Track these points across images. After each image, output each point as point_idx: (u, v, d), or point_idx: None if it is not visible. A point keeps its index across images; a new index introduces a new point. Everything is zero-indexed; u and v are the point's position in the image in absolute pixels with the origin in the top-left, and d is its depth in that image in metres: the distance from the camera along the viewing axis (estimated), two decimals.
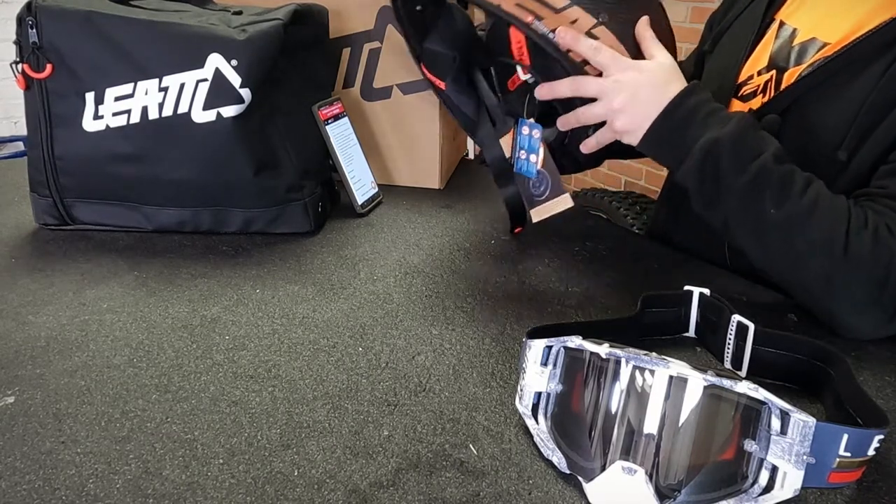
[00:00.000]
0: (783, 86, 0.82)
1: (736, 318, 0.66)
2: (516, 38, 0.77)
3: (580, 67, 0.72)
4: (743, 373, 0.66)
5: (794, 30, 0.84)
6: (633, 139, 0.75)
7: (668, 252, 0.95)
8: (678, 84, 0.74)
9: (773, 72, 0.85)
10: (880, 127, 0.72)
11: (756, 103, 0.85)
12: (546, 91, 0.76)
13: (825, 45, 0.79)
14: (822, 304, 0.71)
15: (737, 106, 0.88)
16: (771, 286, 0.82)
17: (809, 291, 0.72)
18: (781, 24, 0.87)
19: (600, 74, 0.73)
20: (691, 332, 0.73)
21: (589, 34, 0.71)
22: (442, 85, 0.89)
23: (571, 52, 0.71)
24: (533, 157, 0.88)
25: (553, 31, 0.70)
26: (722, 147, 0.70)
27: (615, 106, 0.73)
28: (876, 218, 0.70)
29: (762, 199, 0.69)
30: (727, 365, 0.68)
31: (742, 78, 0.89)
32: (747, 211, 0.71)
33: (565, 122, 0.79)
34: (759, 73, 0.87)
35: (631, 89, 0.72)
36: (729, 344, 0.67)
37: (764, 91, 0.85)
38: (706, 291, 0.71)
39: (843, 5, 0.80)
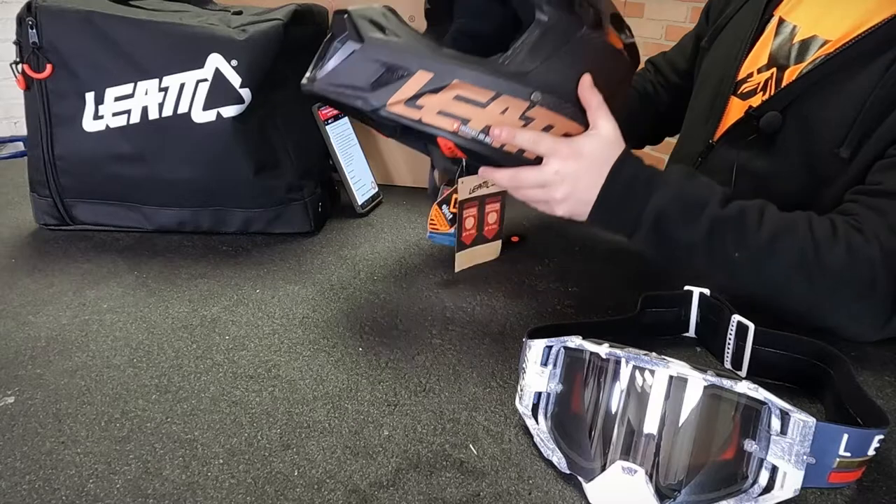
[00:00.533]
0: (784, 83, 0.82)
1: (736, 318, 0.66)
2: (445, 143, 0.70)
3: (519, 158, 0.68)
4: (743, 373, 0.66)
5: (795, 27, 0.84)
6: (580, 219, 0.72)
7: None
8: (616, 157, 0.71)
9: (774, 69, 0.84)
10: (883, 124, 0.71)
11: (756, 101, 0.85)
12: (487, 176, 0.72)
13: (826, 42, 0.79)
14: (820, 322, 0.70)
15: (736, 104, 0.88)
16: None
17: (803, 313, 0.70)
18: (781, 20, 0.86)
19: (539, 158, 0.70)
20: (691, 333, 0.73)
21: (524, 118, 0.66)
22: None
23: (507, 145, 0.67)
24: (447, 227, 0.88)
25: (485, 130, 0.65)
26: (669, 210, 0.69)
27: (557, 197, 0.69)
28: (843, 225, 0.69)
29: (723, 246, 0.68)
30: (727, 365, 0.68)
31: (742, 76, 0.89)
32: (713, 260, 0.69)
33: (501, 181, 0.72)
34: (760, 71, 0.86)
35: (572, 180, 0.69)
36: (729, 344, 0.67)
37: (764, 89, 0.85)
38: (706, 291, 0.71)
39: (844, 2, 0.79)
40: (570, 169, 0.68)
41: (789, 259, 0.67)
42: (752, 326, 0.64)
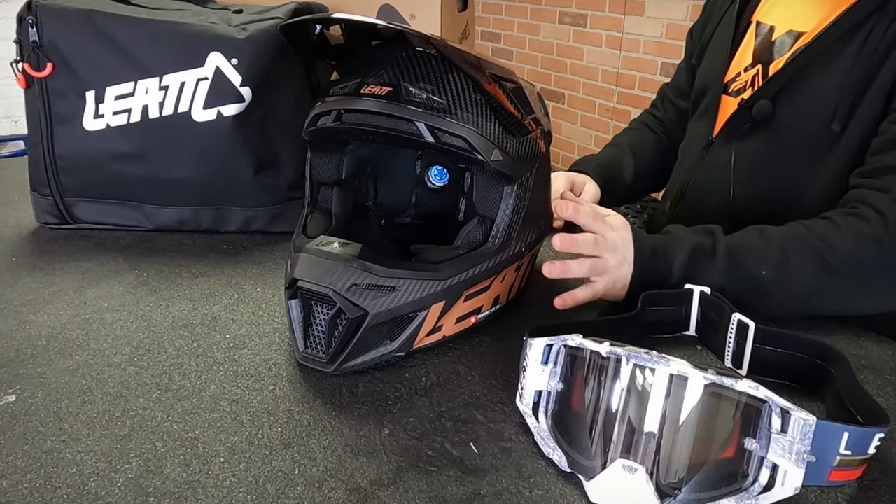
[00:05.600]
0: (770, 75, 0.88)
1: (737, 316, 0.66)
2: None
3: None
4: (743, 371, 0.66)
5: (772, 27, 0.91)
6: (619, 294, 0.76)
7: None
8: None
9: (759, 66, 0.91)
10: (866, 96, 0.78)
11: (746, 95, 0.91)
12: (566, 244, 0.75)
13: (802, 34, 0.86)
14: (860, 310, 0.75)
15: (727, 101, 0.95)
16: None
17: (840, 308, 0.75)
18: (758, 23, 0.94)
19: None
20: (692, 331, 0.73)
21: (518, 268, 0.72)
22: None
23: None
24: None
25: (496, 300, 0.71)
26: (689, 266, 0.74)
27: (611, 263, 0.74)
28: (838, 217, 0.75)
29: (749, 270, 0.73)
30: (728, 363, 0.68)
31: (730, 76, 0.95)
32: (746, 288, 0.73)
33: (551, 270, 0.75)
34: (746, 70, 0.93)
35: (622, 252, 0.75)
36: (729, 342, 0.67)
37: (752, 85, 0.91)
38: (707, 290, 0.71)
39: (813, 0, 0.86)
40: (619, 257, 0.74)
41: (806, 260, 0.73)
42: (752, 325, 0.64)
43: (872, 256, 0.72)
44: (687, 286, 0.73)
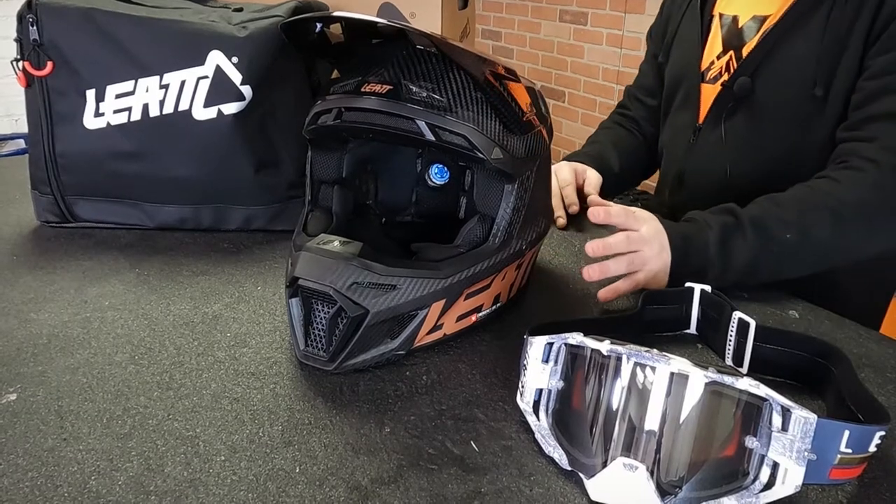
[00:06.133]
0: (744, 56, 0.92)
1: (737, 314, 0.66)
2: None
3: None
4: (744, 370, 0.66)
5: (735, 16, 0.96)
6: (661, 281, 0.79)
7: None
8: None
9: (731, 52, 0.96)
10: (842, 61, 0.84)
11: (725, 78, 0.96)
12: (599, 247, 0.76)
13: (766, 17, 0.91)
14: (872, 252, 0.82)
15: (707, 88, 1.00)
16: (770, 286, 0.82)
17: (868, 254, 0.82)
18: (721, 15, 0.99)
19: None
20: (692, 329, 0.73)
21: (518, 266, 0.72)
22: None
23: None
24: None
25: (496, 299, 0.71)
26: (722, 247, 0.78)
27: (648, 254, 0.77)
28: (834, 172, 0.81)
29: (775, 237, 0.78)
30: (728, 362, 0.68)
31: (704, 66, 1.00)
32: (778, 257, 0.78)
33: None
34: (719, 57, 0.98)
35: (657, 243, 0.78)
36: (730, 341, 0.67)
37: (728, 69, 0.97)
38: (707, 288, 0.71)
39: None
40: (656, 246, 0.77)
41: (821, 216, 0.78)
42: (753, 323, 0.64)
43: (876, 200, 0.78)
44: (687, 284, 0.72)
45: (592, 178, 1.06)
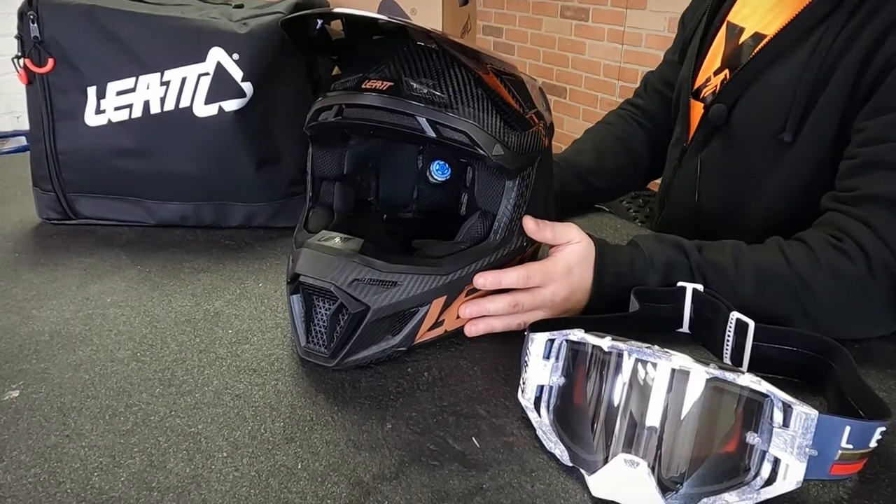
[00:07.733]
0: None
1: (735, 314, 0.65)
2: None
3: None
4: (744, 368, 0.66)
5: (741, 28, 0.89)
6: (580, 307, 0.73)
7: None
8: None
9: (727, 71, 0.89)
10: (816, 105, 0.76)
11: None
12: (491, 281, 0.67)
13: (764, 36, 0.84)
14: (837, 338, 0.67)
15: (696, 106, 0.94)
16: None
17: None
18: (729, 24, 0.91)
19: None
20: (685, 328, 0.72)
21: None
22: None
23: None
24: None
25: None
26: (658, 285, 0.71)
27: (561, 307, 0.71)
28: (822, 248, 0.69)
29: (719, 290, 0.70)
30: (726, 361, 0.67)
31: (699, 82, 0.93)
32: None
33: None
34: (715, 74, 0.91)
35: (567, 291, 0.70)
36: (728, 340, 0.66)
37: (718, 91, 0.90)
38: (700, 287, 0.70)
39: None
40: (565, 285, 0.70)
41: (780, 302, 0.69)
42: (751, 324, 0.64)
43: (855, 304, 0.68)
44: (679, 284, 0.71)
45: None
